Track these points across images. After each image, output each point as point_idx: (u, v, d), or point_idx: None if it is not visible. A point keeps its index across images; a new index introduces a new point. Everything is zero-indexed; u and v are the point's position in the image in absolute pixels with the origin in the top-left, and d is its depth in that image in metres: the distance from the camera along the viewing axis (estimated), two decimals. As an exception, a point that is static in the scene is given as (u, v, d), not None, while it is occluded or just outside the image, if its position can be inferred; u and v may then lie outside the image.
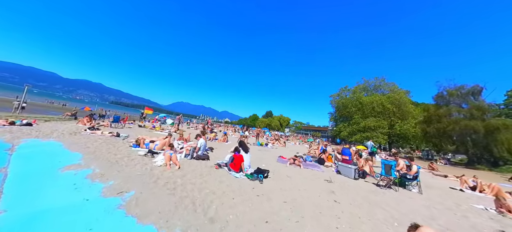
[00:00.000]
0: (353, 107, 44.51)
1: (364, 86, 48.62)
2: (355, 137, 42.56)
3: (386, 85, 45.92)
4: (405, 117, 40.51)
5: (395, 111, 40.60)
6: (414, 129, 37.96)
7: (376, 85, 47.41)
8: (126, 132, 11.35)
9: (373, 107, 41.53)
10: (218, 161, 7.24)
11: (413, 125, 38.63)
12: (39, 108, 25.71)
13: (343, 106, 47.34)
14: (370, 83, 48.23)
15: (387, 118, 41.31)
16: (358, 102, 44.10)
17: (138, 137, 9.03)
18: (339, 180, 7.47)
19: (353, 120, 44.29)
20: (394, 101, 40.66)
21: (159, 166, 5.09)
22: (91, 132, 8.80)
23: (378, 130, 40.22)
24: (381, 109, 41.18)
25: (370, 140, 23.98)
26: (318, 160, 11.23)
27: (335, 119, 53.62)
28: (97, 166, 4.30)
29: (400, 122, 40.37)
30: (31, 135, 6.76)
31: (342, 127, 46.84)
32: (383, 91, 46.14)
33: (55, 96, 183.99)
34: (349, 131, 44.22)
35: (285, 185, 5.64)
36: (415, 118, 39.98)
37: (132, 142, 8.15)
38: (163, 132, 14.37)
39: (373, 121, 40.75)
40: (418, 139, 38.70)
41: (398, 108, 40.65)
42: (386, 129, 40.42)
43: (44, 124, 9.90)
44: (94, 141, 7.21)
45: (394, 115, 40.89)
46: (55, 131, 8.22)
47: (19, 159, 4.12)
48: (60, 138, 6.88)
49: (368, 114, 42.40)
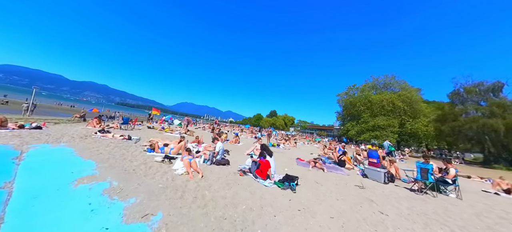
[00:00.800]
0: (361, 106, 43.33)
1: (373, 84, 47.36)
2: (364, 136, 41.53)
3: (396, 83, 44.59)
4: (416, 116, 39.24)
5: (406, 109, 39.33)
6: (425, 128, 36.76)
7: (386, 83, 46.13)
8: (136, 134, 10.92)
9: (383, 105, 40.31)
10: (240, 166, 6.68)
11: (424, 123, 37.42)
12: (48, 110, 25.77)
13: (351, 105, 46.20)
14: (380, 81, 46.96)
15: (398, 117, 40.09)
16: (367, 101, 42.91)
17: (152, 140, 8.57)
18: (368, 185, 6.83)
19: (361, 119, 43.13)
20: (405, 99, 39.38)
21: (180, 175, 4.55)
22: (102, 135, 8.36)
23: (388, 129, 39.07)
24: (391, 108, 39.96)
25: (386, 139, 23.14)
26: (338, 162, 10.58)
27: (342, 118, 52.48)
28: (113, 177, 3.77)
29: (411, 121, 39.11)
30: (40, 140, 6.32)
31: (350, 126, 45.75)
32: (393, 89, 44.85)
33: (63, 98, 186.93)
34: (357, 130, 43.16)
35: (319, 193, 5.04)
36: (426, 116, 38.75)
37: (145, 146, 7.67)
38: (173, 134, 13.93)
39: (383, 120, 39.60)
40: (429, 137, 37.46)
41: (409, 106, 39.37)
42: (396, 128, 39.24)
43: (53, 127, 9.54)
44: (106, 145, 6.73)
45: (405, 113, 39.64)
46: (65, 134, 7.80)
47: (27, 170, 3.61)
48: (70, 143, 6.42)
49: (378, 112, 41.22)
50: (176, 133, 14.41)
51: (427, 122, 37.26)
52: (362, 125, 42.69)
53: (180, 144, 7.01)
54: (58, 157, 4.66)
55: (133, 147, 7.20)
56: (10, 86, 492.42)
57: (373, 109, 41.89)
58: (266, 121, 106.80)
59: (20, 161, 4.01)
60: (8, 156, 4.31)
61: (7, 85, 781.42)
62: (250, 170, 5.86)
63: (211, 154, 6.37)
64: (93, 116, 17.38)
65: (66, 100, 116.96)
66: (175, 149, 6.89)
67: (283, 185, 5.01)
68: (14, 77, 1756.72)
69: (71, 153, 5.13)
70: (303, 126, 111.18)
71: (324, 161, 10.29)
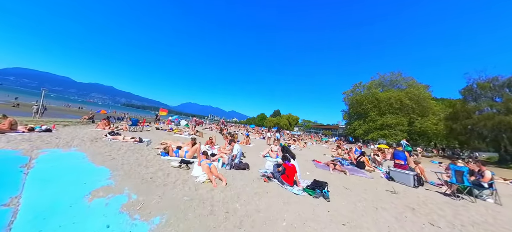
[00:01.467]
0: (368, 104, 42.27)
1: (379, 81, 46.27)
2: (372, 135, 40.54)
3: (403, 80, 43.39)
4: (425, 114, 38.10)
5: (415, 107, 38.20)
6: (435, 127, 35.64)
7: (392, 80, 45.02)
8: (146, 136, 10.58)
9: (390, 103, 39.27)
10: (261, 170, 6.23)
11: (434, 122, 36.28)
12: (57, 112, 25.87)
13: (358, 103, 45.14)
14: (386, 78, 45.84)
15: (406, 115, 39.00)
16: (374, 98, 41.84)
17: (164, 142, 8.19)
18: (398, 189, 6.29)
19: (369, 118, 42.12)
20: (413, 97, 38.26)
21: (202, 183, 4.11)
22: (112, 138, 8.01)
23: (397, 127, 38.06)
24: (399, 106, 38.89)
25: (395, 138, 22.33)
26: (357, 164, 10.03)
27: (349, 116, 51.45)
28: (131, 188, 3.34)
29: (420, 119, 37.99)
30: (51, 144, 5.97)
31: (357, 125, 44.76)
32: (400, 86, 43.72)
33: (71, 100, 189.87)
34: (365, 128, 42.17)
35: (354, 201, 4.56)
36: (435, 114, 37.60)
37: (157, 149, 7.29)
38: (182, 135, 13.57)
39: (392, 118, 38.58)
40: (439, 136, 36.31)
41: (417, 104, 38.23)
42: (405, 126, 38.19)
43: (63, 129, 9.25)
44: (118, 149, 6.35)
45: (414, 111, 38.52)
46: (75, 137, 7.47)
47: (36, 181, 3.19)
48: (82, 147, 6.06)
49: (385, 111, 40.18)
50: (185, 134, 14.06)
51: (437, 121, 36.15)
52: (369, 123, 41.74)
53: (195, 147, 6.59)
54: (69, 164, 4.27)
55: (146, 151, 6.81)
56: (20, 89, 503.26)
57: (381, 107, 40.88)
58: (270, 121, 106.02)
59: (29, 169, 3.63)
60: (16, 163, 3.94)
61: (17, 87, 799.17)
62: (273, 175, 5.39)
63: (230, 157, 5.93)
64: (101, 118, 17.21)
65: (73, 101, 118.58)
66: (190, 152, 6.47)
67: (315, 192, 4.53)
68: (24, 80, 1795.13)
69: (83, 159, 4.74)
70: (307, 125, 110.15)
71: (342, 163, 9.76)
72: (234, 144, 6.92)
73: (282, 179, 5.00)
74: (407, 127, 38.32)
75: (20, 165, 3.81)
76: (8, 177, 3.25)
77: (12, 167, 3.66)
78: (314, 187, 4.87)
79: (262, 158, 8.81)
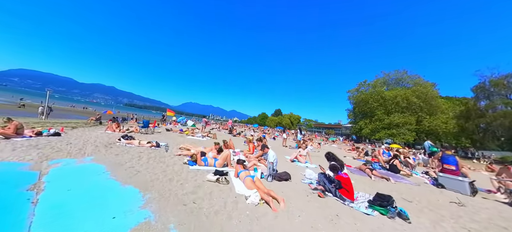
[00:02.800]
0: (374, 102, 41.38)
1: (384, 79, 45.32)
2: (379, 134, 39.77)
3: (409, 78, 42.42)
4: (434, 112, 37.20)
5: (422, 105, 37.30)
6: (445, 125, 34.76)
7: (398, 78, 44.04)
8: (158, 138, 9.80)
9: (397, 102, 38.37)
10: (304, 181, 5.39)
11: (443, 120, 35.39)
12: (63, 113, 25.18)
13: (363, 102, 44.19)
14: (391, 76, 44.91)
15: (414, 114, 38.13)
16: (379, 97, 40.95)
17: (186, 148, 7.38)
18: (454, 198, 5.44)
19: (375, 116, 41.22)
20: (420, 95, 37.35)
21: (256, 205, 3.27)
22: (127, 142, 7.18)
23: (405, 126, 37.25)
24: (406, 104, 37.99)
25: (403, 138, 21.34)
26: (390, 168, 9.17)
27: (354, 115, 50.54)
28: (177, 223, 2.47)
29: (429, 118, 37.13)
30: (61, 152, 5.13)
31: (363, 124, 43.92)
32: (405, 84, 42.77)
33: (74, 100, 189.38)
34: (372, 128, 41.34)
35: (438, 221, 3.71)
36: (444, 113, 36.71)
37: (179, 155, 6.47)
38: (195, 137, 12.74)
39: (399, 117, 37.75)
40: (449, 135, 35.42)
41: (425, 102, 37.32)
42: (413, 125, 37.37)
43: (72, 133, 8.47)
44: (138, 157, 5.51)
45: (421, 110, 37.66)
46: (87, 142, 6.67)
47: (47, 218, 2.28)
48: (97, 155, 5.21)
49: (392, 109, 39.31)
50: (198, 136, 13.23)
51: (446, 119, 35.26)
52: (376, 123, 40.89)
53: (225, 155, 5.74)
54: (88, 184, 3.41)
55: (168, 158, 5.97)
56: (25, 90, 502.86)
57: (387, 106, 40.02)
58: (272, 120, 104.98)
59: (38, 195, 2.78)
60: (22, 183, 3.09)
61: (22, 88, 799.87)
62: (325, 188, 4.54)
63: (271, 167, 5.09)
64: (108, 118, 16.39)
65: (77, 102, 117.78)
66: (220, 160, 5.63)
67: (388, 211, 3.69)
68: (28, 81, 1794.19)
69: (103, 174, 3.89)
70: (309, 124, 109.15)
71: (373, 167, 8.90)
72: (268, 150, 6.08)
73: (341, 194, 4.16)
74: (415, 126, 37.52)
75: (27, 188, 2.97)
76: (10, 212, 2.36)
77: (17, 194, 2.80)
78: (379, 202, 4.03)
79: (290, 164, 7.96)
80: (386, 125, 39.49)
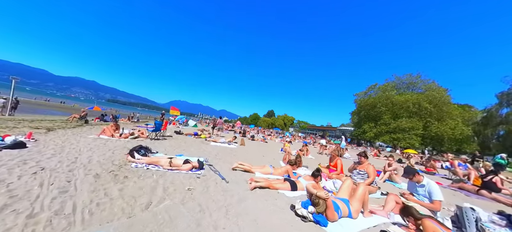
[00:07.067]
0: (382, 107, 40.13)
1: (395, 83, 44.21)
2: (383, 138, 38.76)
3: (422, 82, 41.45)
4: (443, 118, 36.46)
5: (433, 111, 36.45)
6: (452, 131, 34.07)
7: (410, 83, 43.05)
8: (173, 145, 6.85)
9: (407, 106, 37.29)
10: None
11: (452, 126, 34.72)
12: (34, 107, 20.85)
13: (371, 106, 42.87)
14: (403, 80, 43.84)
15: (422, 119, 37.26)
16: (388, 102, 39.76)
17: (250, 169, 4.53)
18: None
19: (381, 120, 40.06)
20: (433, 100, 36.42)
21: None
22: (148, 163, 4.18)
23: (412, 131, 36.26)
24: (417, 109, 37.02)
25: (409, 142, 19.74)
26: (485, 186, 6.66)
27: (358, 118, 49.31)
28: None
29: (437, 123, 36.34)
30: (21, 201, 2.17)
31: (367, 128, 42.65)
32: (417, 89, 41.86)
33: (48, 93, 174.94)
34: (376, 132, 40.13)
35: None
36: (453, 118, 36.06)
37: (250, 183, 3.64)
38: (218, 143, 9.75)
39: (407, 122, 36.70)
40: (454, 141, 34.80)
41: (436, 107, 36.48)
42: (420, 130, 36.47)
43: (47, 138, 5.32)
44: (197, 210, 2.66)
45: (431, 115, 36.80)
46: (76, 164, 3.59)
47: None
48: (106, 211, 2.30)
49: (400, 114, 38.26)
50: (221, 141, 10.10)
51: (454, 125, 34.60)
52: (382, 126, 39.72)
53: (285, 168, 3.00)
54: None
55: (251, 203, 3.11)
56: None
57: (395, 111, 38.92)
58: (264, 121, 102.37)
59: None
60: None
61: None
62: None
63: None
64: (95, 116, 13.01)
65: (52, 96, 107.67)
66: (312, 188, 2.89)
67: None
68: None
69: None
70: (303, 126, 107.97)
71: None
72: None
73: None
74: (421, 131, 36.68)
75: None
76: None
77: None
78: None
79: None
80: (391, 129, 38.41)
